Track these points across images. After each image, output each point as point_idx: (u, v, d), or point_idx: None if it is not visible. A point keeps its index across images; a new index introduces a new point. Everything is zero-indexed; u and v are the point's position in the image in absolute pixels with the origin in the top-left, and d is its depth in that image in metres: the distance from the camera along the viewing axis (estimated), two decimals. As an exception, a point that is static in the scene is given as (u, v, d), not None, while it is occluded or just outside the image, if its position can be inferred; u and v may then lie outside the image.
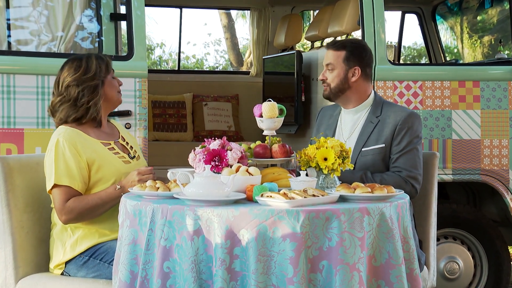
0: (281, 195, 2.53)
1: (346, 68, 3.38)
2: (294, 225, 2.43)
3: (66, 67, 3.16)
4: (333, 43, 3.49)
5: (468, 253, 4.49)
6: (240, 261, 2.45)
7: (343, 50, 3.39)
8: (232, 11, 13.97)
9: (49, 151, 3.08)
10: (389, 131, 3.32)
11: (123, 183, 3.03)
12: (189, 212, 2.50)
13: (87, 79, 3.11)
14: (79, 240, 3.07)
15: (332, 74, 3.39)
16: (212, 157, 2.87)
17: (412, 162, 3.28)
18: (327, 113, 3.60)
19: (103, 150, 3.13)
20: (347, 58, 3.38)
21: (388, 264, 2.59)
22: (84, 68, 3.13)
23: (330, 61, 3.41)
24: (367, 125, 3.38)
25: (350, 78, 3.38)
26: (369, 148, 3.32)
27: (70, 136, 3.06)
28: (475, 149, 4.34)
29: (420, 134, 3.36)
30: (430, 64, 5.79)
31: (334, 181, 2.91)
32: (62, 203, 3.01)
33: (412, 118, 3.33)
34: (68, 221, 3.03)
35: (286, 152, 3.04)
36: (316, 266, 2.47)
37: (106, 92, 3.17)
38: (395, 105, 3.45)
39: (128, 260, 2.65)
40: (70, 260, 3.08)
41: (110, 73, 3.20)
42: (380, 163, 3.31)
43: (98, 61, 3.16)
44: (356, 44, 3.45)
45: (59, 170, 3.02)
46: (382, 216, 2.58)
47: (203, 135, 6.05)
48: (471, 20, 5.89)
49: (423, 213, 3.50)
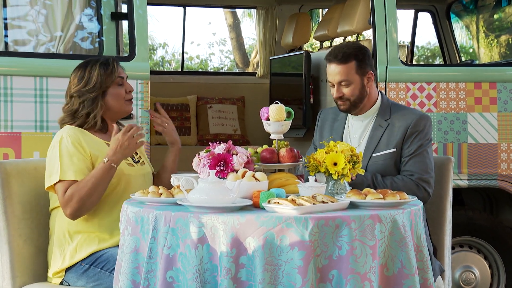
0: (289, 201, 2.53)
1: (362, 77, 3.31)
2: (302, 233, 2.44)
3: (73, 74, 3.27)
4: (336, 56, 3.30)
5: (484, 262, 4.48)
6: (246, 270, 2.46)
7: (352, 61, 3.29)
8: (238, 9, 13.99)
9: (53, 147, 3.14)
10: (400, 135, 3.31)
11: (109, 152, 3.08)
12: (193, 219, 2.51)
13: (87, 91, 3.20)
14: (78, 247, 3.09)
15: (350, 88, 3.30)
16: (217, 162, 2.88)
17: (424, 165, 3.28)
18: (329, 116, 3.54)
19: (107, 149, 3.17)
20: (359, 67, 3.30)
21: (401, 273, 2.58)
22: (86, 80, 3.21)
23: (344, 77, 3.29)
24: (376, 129, 3.36)
25: (366, 85, 3.33)
26: (380, 153, 3.31)
27: (74, 133, 3.15)
28: (492, 154, 4.34)
29: (431, 136, 3.36)
30: (444, 64, 5.78)
31: (344, 187, 2.91)
32: (63, 195, 3.04)
33: (423, 120, 3.33)
34: (72, 212, 3.04)
35: (294, 156, 3.04)
36: (325, 275, 2.47)
37: (108, 103, 3.24)
38: (403, 107, 3.43)
39: (130, 269, 2.66)
40: (70, 268, 3.09)
41: (115, 82, 3.25)
42: (392, 168, 3.31)
43: (100, 70, 3.22)
44: (358, 48, 3.35)
45: (64, 165, 3.07)
46: (395, 223, 2.58)
47: (208, 139, 6.05)
48: (487, 19, 5.88)
49: (437, 220, 3.49)
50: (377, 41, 4.24)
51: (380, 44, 4.24)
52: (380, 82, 4.25)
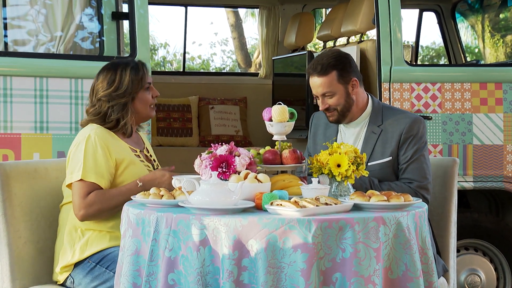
0: (292, 203, 2.53)
1: (345, 86, 3.27)
2: (305, 235, 2.44)
3: (101, 76, 3.24)
4: (316, 68, 3.26)
5: (490, 265, 4.48)
6: (248, 273, 2.46)
7: (333, 71, 3.25)
8: (240, 9, 14.01)
9: (79, 144, 3.14)
10: (395, 142, 3.27)
11: (145, 179, 3.12)
12: (195, 221, 2.51)
13: (118, 96, 3.20)
14: (89, 242, 3.12)
15: (334, 98, 3.28)
16: (219, 163, 2.88)
17: (421, 171, 3.25)
18: (322, 121, 3.52)
19: (131, 154, 3.22)
20: (340, 76, 3.26)
21: (405, 276, 2.58)
22: (117, 84, 3.20)
23: (326, 89, 3.26)
24: (369, 137, 3.32)
25: (351, 92, 3.29)
26: (376, 162, 3.28)
27: (102, 134, 3.16)
28: (498, 155, 4.33)
29: (426, 139, 3.33)
30: (449, 65, 5.78)
31: (347, 189, 2.91)
32: (83, 197, 3.06)
33: (416, 124, 3.29)
34: (85, 216, 3.07)
35: (297, 158, 3.04)
36: (329, 278, 2.47)
37: (136, 108, 3.26)
38: (396, 110, 3.38)
39: (131, 272, 2.66)
40: (78, 264, 3.11)
41: (144, 87, 3.26)
42: (391, 176, 3.28)
43: (132, 75, 3.22)
44: (338, 57, 3.29)
45: (88, 165, 3.08)
46: (399, 225, 2.58)
47: (210, 140, 6.06)
48: (493, 18, 5.88)
49: (442, 222, 3.49)
50: (381, 41, 4.24)
51: (384, 44, 4.24)
52: (384, 83, 4.25)
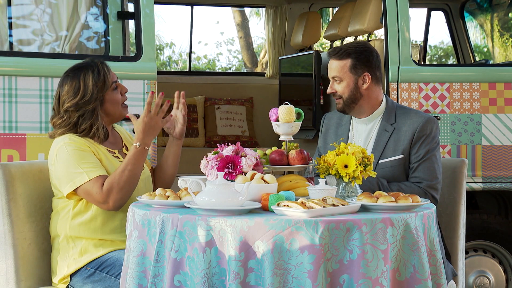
0: (299, 204, 2.53)
1: (355, 77, 3.30)
2: (312, 237, 2.44)
3: (65, 86, 3.17)
4: (335, 51, 3.33)
5: (499, 267, 4.47)
6: (255, 274, 2.46)
7: (348, 59, 3.30)
8: (246, 8, 14.01)
9: (56, 158, 3.10)
10: (407, 140, 3.28)
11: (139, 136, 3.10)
12: (201, 222, 2.51)
13: (85, 103, 3.14)
14: (83, 251, 3.10)
15: (341, 85, 3.32)
16: (225, 164, 2.88)
17: (432, 171, 3.26)
18: (333, 121, 3.54)
19: (108, 155, 3.18)
20: (353, 66, 3.30)
21: (413, 278, 2.58)
22: (82, 92, 3.14)
23: (336, 73, 3.32)
24: (381, 134, 3.34)
25: (361, 86, 3.31)
26: (387, 159, 3.29)
27: (74, 140, 3.12)
28: (507, 156, 4.33)
29: (438, 139, 3.34)
30: (458, 64, 5.78)
31: (355, 190, 2.91)
32: (100, 190, 3.04)
33: (429, 123, 3.30)
34: (115, 202, 3.05)
35: (303, 158, 3.05)
36: (336, 280, 2.48)
37: (107, 110, 3.22)
38: (409, 110, 3.40)
39: (137, 273, 2.67)
40: (75, 273, 3.10)
41: (110, 87, 3.21)
42: (401, 174, 3.29)
43: (94, 79, 3.16)
44: (361, 48, 3.34)
45: (84, 165, 3.06)
46: (407, 227, 2.58)
47: (216, 140, 6.06)
48: (502, 17, 5.88)
49: (450, 224, 3.49)
50: (389, 41, 4.24)
51: (392, 44, 4.24)
52: (392, 83, 4.25)
